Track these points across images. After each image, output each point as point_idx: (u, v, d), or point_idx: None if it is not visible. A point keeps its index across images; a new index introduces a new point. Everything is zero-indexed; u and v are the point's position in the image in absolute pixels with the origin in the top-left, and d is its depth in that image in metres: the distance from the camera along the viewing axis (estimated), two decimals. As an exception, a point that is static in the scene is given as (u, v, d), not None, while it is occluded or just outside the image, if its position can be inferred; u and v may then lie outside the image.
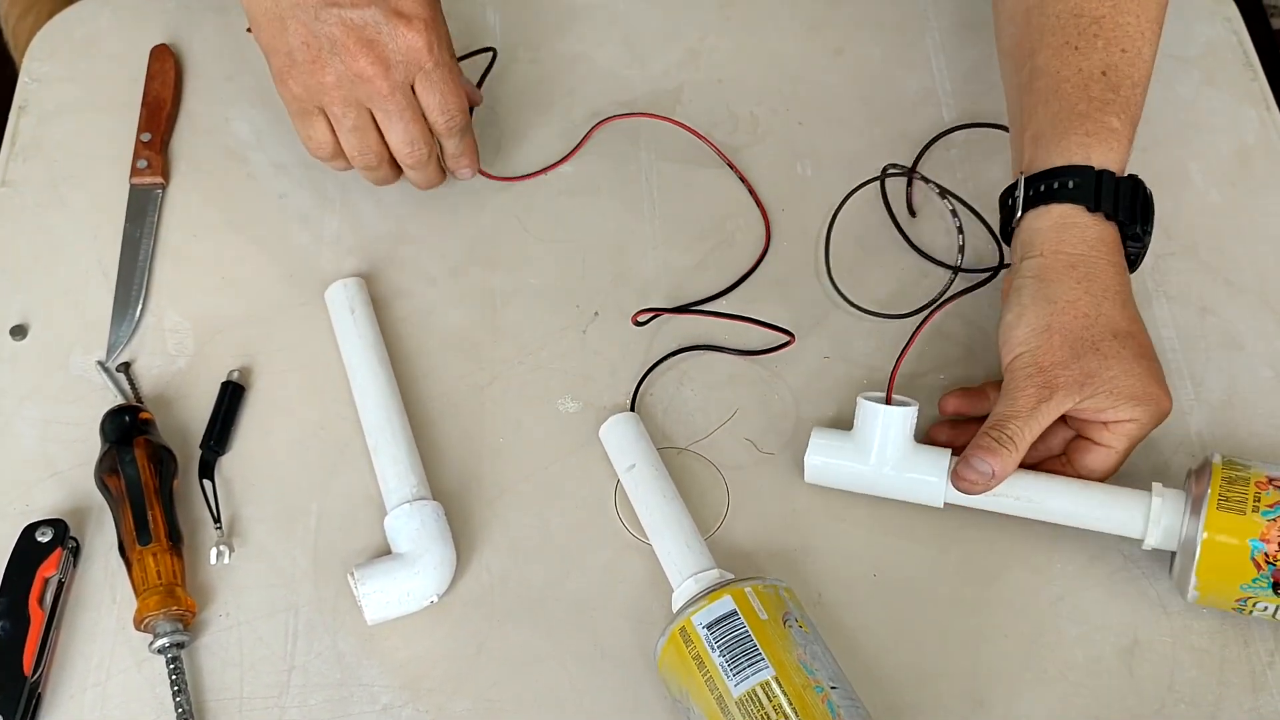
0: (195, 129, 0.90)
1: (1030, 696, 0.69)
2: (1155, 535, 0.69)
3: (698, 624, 0.65)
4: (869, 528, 0.74)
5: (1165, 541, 0.69)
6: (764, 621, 0.64)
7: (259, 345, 0.81)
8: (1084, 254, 0.72)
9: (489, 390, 0.79)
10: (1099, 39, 0.76)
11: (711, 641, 0.64)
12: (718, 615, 0.65)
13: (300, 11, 0.73)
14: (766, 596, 0.66)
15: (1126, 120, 0.75)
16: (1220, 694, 0.69)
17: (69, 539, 0.73)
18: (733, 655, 0.63)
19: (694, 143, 0.89)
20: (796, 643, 0.64)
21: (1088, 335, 0.70)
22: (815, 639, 0.66)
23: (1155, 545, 0.70)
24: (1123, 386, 0.69)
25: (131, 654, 0.71)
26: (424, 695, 0.69)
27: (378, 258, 0.84)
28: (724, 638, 0.64)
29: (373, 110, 0.76)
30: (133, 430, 0.75)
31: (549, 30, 0.95)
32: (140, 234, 0.85)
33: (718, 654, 0.64)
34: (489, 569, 0.73)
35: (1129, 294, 0.73)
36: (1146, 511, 0.70)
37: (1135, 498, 0.70)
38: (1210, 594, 0.68)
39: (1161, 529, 0.69)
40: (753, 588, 0.66)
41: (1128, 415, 0.70)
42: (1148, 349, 0.72)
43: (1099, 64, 0.75)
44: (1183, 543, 0.69)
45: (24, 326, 0.82)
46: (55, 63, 0.93)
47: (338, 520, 0.75)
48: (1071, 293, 0.71)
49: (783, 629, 0.65)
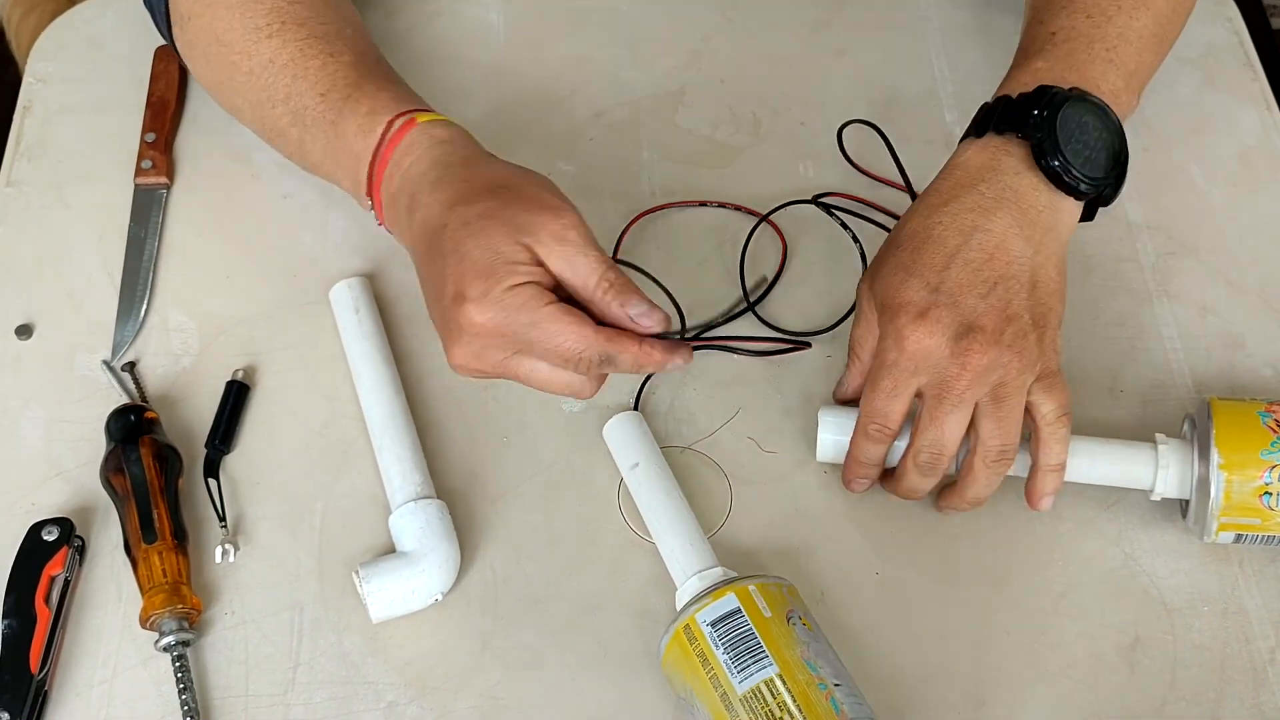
0: (199, 129, 0.90)
1: (1032, 694, 0.70)
2: (1168, 461, 0.71)
3: (702, 621, 0.65)
4: (871, 527, 0.75)
5: (1180, 468, 0.71)
6: (768, 619, 0.65)
7: (263, 344, 0.81)
8: (942, 176, 0.73)
9: (492, 389, 0.79)
10: (1064, 10, 0.77)
11: (715, 639, 0.64)
12: (722, 613, 0.65)
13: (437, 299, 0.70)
14: (770, 594, 0.66)
15: (1056, 61, 0.74)
16: (1221, 691, 0.69)
17: (75, 537, 0.73)
18: (737, 653, 0.64)
19: (696, 143, 0.89)
20: (800, 640, 0.64)
21: (891, 242, 0.72)
22: (819, 637, 0.66)
23: (1169, 471, 0.71)
24: (880, 295, 0.70)
25: (137, 652, 0.71)
26: (428, 693, 0.70)
27: (382, 257, 0.84)
28: (728, 635, 0.64)
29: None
30: (138, 429, 0.75)
31: (552, 31, 0.95)
32: (145, 234, 0.85)
33: (722, 651, 0.64)
34: (493, 567, 0.74)
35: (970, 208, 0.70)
36: (1155, 456, 0.71)
37: (1142, 447, 0.72)
38: (1234, 470, 0.69)
39: (1172, 455, 0.71)
40: (757, 585, 0.66)
41: (880, 326, 0.70)
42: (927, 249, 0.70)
43: (1052, 28, 0.76)
44: (1198, 444, 0.71)
45: (29, 326, 0.82)
46: (60, 63, 0.94)
47: (342, 519, 0.75)
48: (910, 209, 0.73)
49: (786, 627, 0.65)
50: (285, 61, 0.76)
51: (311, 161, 0.78)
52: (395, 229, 0.74)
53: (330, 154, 0.76)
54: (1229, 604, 0.72)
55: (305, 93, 0.76)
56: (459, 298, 0.66)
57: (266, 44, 0.77)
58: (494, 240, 0.67)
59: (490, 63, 0.93)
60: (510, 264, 0.66)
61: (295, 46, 0.77)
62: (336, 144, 0.75)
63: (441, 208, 0.69)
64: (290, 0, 0.78)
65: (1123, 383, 0.79)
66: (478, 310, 0.66)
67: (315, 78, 0.76)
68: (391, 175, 0.73)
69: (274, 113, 0.77)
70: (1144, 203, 0.86)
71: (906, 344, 0.68)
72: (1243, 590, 0.72)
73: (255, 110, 0.79)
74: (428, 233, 0.69)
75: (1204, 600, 0.72)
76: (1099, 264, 0.84)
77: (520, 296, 0.66)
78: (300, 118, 0.76)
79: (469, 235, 0.67)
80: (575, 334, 0.66)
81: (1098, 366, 0.80)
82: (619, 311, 0.67)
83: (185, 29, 0.80)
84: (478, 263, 0.66)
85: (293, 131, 0.77)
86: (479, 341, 0.67)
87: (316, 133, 0.76)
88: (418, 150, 0.72)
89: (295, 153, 0.79)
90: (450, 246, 0.67)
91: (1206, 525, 0.70)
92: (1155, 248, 0.85)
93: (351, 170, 0.75)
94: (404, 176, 0.72)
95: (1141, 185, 0.87)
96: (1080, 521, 0.75)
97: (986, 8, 0.96)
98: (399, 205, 0.72)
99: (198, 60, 0.82)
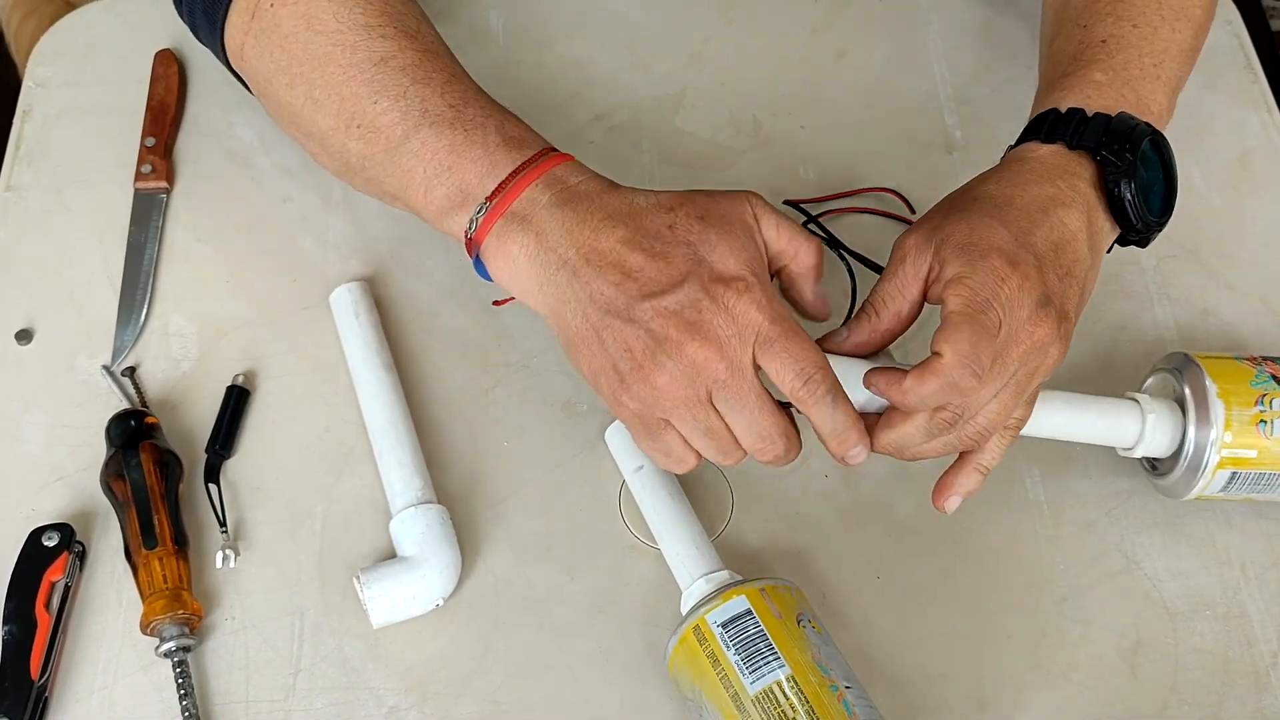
0: (199, 133, 0.90)
1: (1034, 697, 0.70)
2: (1154, 411, 0.72)
3: (712, 623, 0.65)
4: (872, 530, 0.75)
5: (1168, 418, 0.72)
6: (779, 621, 0.65)
7: (264, 349, 0.81)
8: (1017, 159, 0.71)
9: (493, 394, 0.79)
10: (1110, 16, 0.76)
11: (726, 640, 0.64)
12: (733, 614, 0.65)
13: (612, 318, 0.64)
14: (780, 596, 0.66)
15: (1114, 75, 0.73)
16: (1223, 694, 0.69)
17: (75, 543, 0.73)
18: (748, 654, 0.64)
19: (697, 145, 0.89)
20: (811, 642, 0.65)
21: (959, 200, 0.69)
22: (828, 640, 0.66)
23: (1156, 420, 0.72)
24: (958, 238, 0.66)
25: (138, 658, 0.71)
26: (430, 698, 0.70)
27: (382, 261, 0.84)
28: (739, 636, 0.64)
29: (715, 402, 0.64)
30: (138, 435, 0.75)
31: (552, 33, 0.95)
32: (145, 238, 0.85)
33: (733, 652, 0.64)
34: (494, 572, 0.74)
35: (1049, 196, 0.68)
36: (1138, 409, 0.72)
37: (1122, 401, 0.73)
38: (1231, 397, 0.70)
39: (1156, 406, 0.72)
40: (765, 587, 0.66)
41: (954, 271, 0.65)
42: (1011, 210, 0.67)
43: (1101, 34, 0.75)
44: (1178, 397, 0.72)
45: (29, 331, 0.82)
46: (59, 67, 0.93)
47: (343, 524, 0.75)
48: (975, 180, 0.71)
49: (797, 628, 0.65)
50: (405, 65, 0.71)
51: (405, 168, 0.70)
52: (524, 242, 0.67)
53: (450, 159, 0.69)
54: (1231, 607, 0.72)
55: (431, 98, 0.70)
56: (721, 280, 0.63)
57: (380, 43, 0.71)
58: (736, 227, 0.65)
59: (490, 66, 0.93)
60: (759, 250, 0.65)
61: (414, 54, 0.71)
62: (465, 149, 0.69)
63: (658, 210, 0.65)
64: (400, 11, 0.73)
65: (1124, 386, 0.79)
66: (748, 288, 0.63)
67: (443, 89, 0.70)
68: (550, 185, 0.67)
69: (375, 108, 0.70)
70: (1145, 205, 0.86)
71: (1005, 286, 0.64)
72: (1244, 594, 0.72)
73: (344, 105, 0.71)
74: (637, 234, 0.65)
75: (1206, 604, 0.72)
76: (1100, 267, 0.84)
77: (774, 289, 0.65)
78: (416, 118, 0.69)
79: (712, 225, 0.65)
80: (814, 345, 0.64)
81: (1099, 370, 0.80)
82: (809, 285, 0.68)
83: (264, 16, 0.73)
84: (735, 247, 0.64)
85: (396, 130, 0.70)
86: (727, 335, 0.63)
87: (437, 133, 0.69)
88: (588, 174, 0.68)
89: (380, 156, 0.71)
90: (696, 237, 0.64)
91: (1204, 462, 0.70)
92: (1156, 251, 0.84)
93: (475, 177, 0.68)
94: (569, 188, 0.67)
95: (1142, 188, 0.87)
96: (1082, 525, 0.75)
97: (987, 10, 0.96)
98: (555, 215, 0.66)
99: (271, 49, 0.73)
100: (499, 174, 0.68)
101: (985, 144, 0.89)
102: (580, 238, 0.65)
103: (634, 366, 0.64)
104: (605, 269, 0.64)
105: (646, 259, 0.64)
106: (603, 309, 0.64)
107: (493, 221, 0.67)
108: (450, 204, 0.69)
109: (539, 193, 0.67)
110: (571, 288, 0.65)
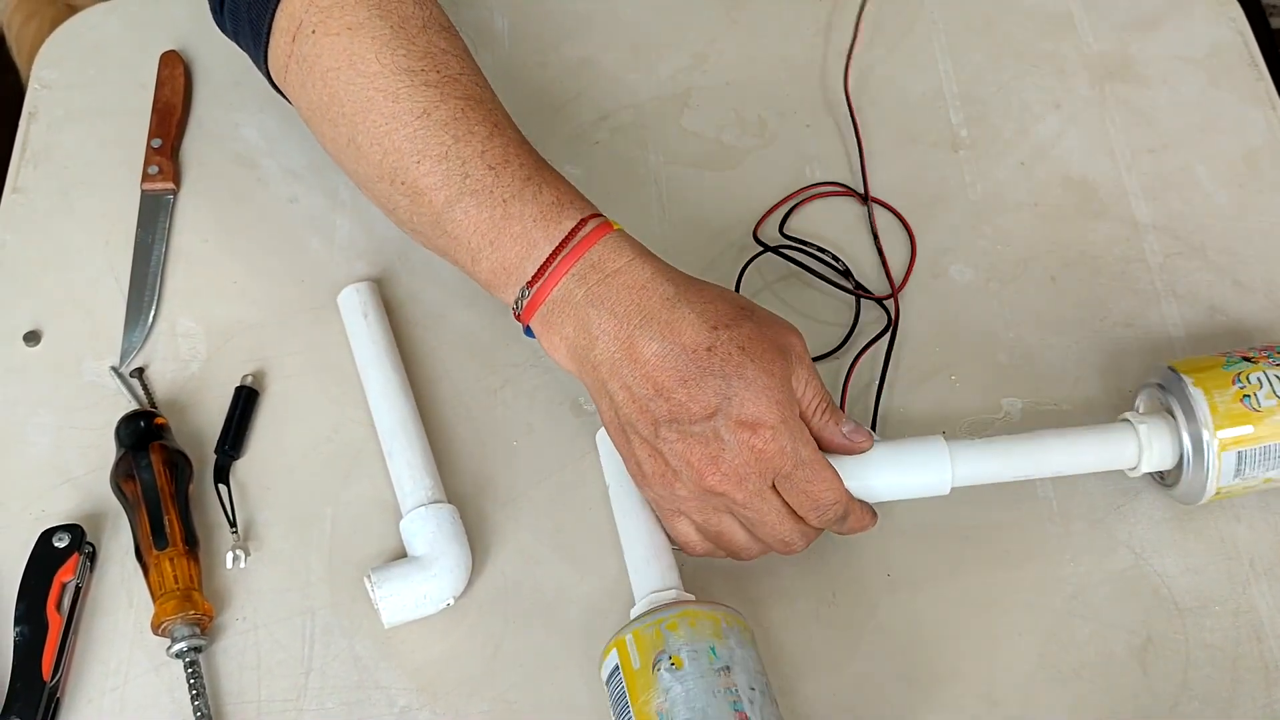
0: (205, 134, 0.90)
1: (1044, 695, 0.70)
2: (1147, 429, 0.72)
3: (604, 679, 0.67)
4: (882, 528, 0.74)
5: (1162, 430, 0.72)
6: (636, 671, 0.64)
7: (272, 350, 0.81)
8: None
9: (502, 393, 0.79)
10: None
11: (610, 694, 0.66)
12: (609, 671, 0.66)
13: (638, 432, 0.66)
14: (643, 640, 0.65)
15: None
16: (1234, 690, 0.69)
17: (85, 544, 0.73)
18: (617, 710, 0.65)
19: (703, 145, 0.90)
20: (660, 689, 0.63)
21: None
22: (693, 671, 0.63)
23: (1153, 435, 0.72)
24: None
25: (149, 658, 0.71)
26: (441, 698, 0.70)
27: (390, 261, 0.84)
28: (614, 691, 0.66)
29: (733, 514, 0.68)
30: (148, 435, 0.75)
31: (557, 34, 0.95)
32: (152, 240, 0.85)
33: (611, 706, 0.66)
34: (504, 572, 0.74)
35: None
36: (1133, 430, 0.72)
37: (1113, 425, 0.73)
38: (1208, 385, 0.71)
39: (1149, 422, 0.72)
40: (634, 633, 0.65)
41: None
42: None
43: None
44: (1165, 409, 0.72)
45: (37, 333, 0.82)
46: (65, 69, 0.93)
47: (353, 524, 0.75)
48: None
49: (650, 675, 0.64)
50: (445, 119, 0.69)
51: (451, 234, 0.70)
52: (565, 333, 0.68)
53: (491, 234, 0.68)
54: (1240, 603, 0.72)
55: (471, 159, 0.69)
56: (747, 424, 0.64)
57: (422, 91, 0.69)
58: (775, 365, 0.65)
59: (495, 67, 0.93)
60: (792, 392, 0.66)
61: (456, 105, 0.70)
62: (504, 225, 0.68)
63: (702, 326, 0.65)
64: (444, 49, 0.72)
65: (1131, 384, 0.79)
66: (774, 437, 0.65)
67: (483, 146, 0.69)
68: (585, 275, 0.67)
69: (418, 169, 0.69)
70: (1151, 203, 0.87)
71: None
72: (1254, 589, 0.73)
73: (387, 158, 0.70)
74: (674, 350, 0.65)
75: (1215, 600, 0.72)
76: (1106, 265, 0.84)
77: (803, 427, 0.67)
78: (458, 184, 0.69)
79: (751, 359, 0.65)
80: (834, 481, 0.67)
81: (1106, 367, 0.80)
82: (834, 430, 0.68)
83: (304, 43, 0.72)
84: (769, 388, 0.65)
85: (439, 195, 0.69)
86: (746, 473, 0.65)
87: (478, 204, 0.68)
88: (628, 254, 0.68)
89: (427, 218, 0.70)
90: (732, 370, 0.64)
91: (1206, 451, 0.70)
92: (1162, 248, 0.85)
93: (515, 258, 0.68)
94: (607, 277, 0.67)
95: (1148, 186, 0.87)
96: (1091, 522, 0.75)
97: (991, 9, 0.96)
98: (591, 313, 0.67)
99: (314, 82, 0.72)
100: (538, 256, 0.68)
101: (991, 142, 0.89)
102: (620, 338, 0.66)
103: (657, 473, 0.67)
104: (640, 378, 0.65)
105: (678, 384, 0.65)
106: (631, 417, 0.66)
107: (535, 308, 0.69)
108: (495, 279, 0.70)
109: (574, 285, 0.67)
110: (610, 384, 0.67)
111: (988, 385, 0.79)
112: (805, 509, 0.67)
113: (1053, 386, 0.79)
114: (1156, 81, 0.92)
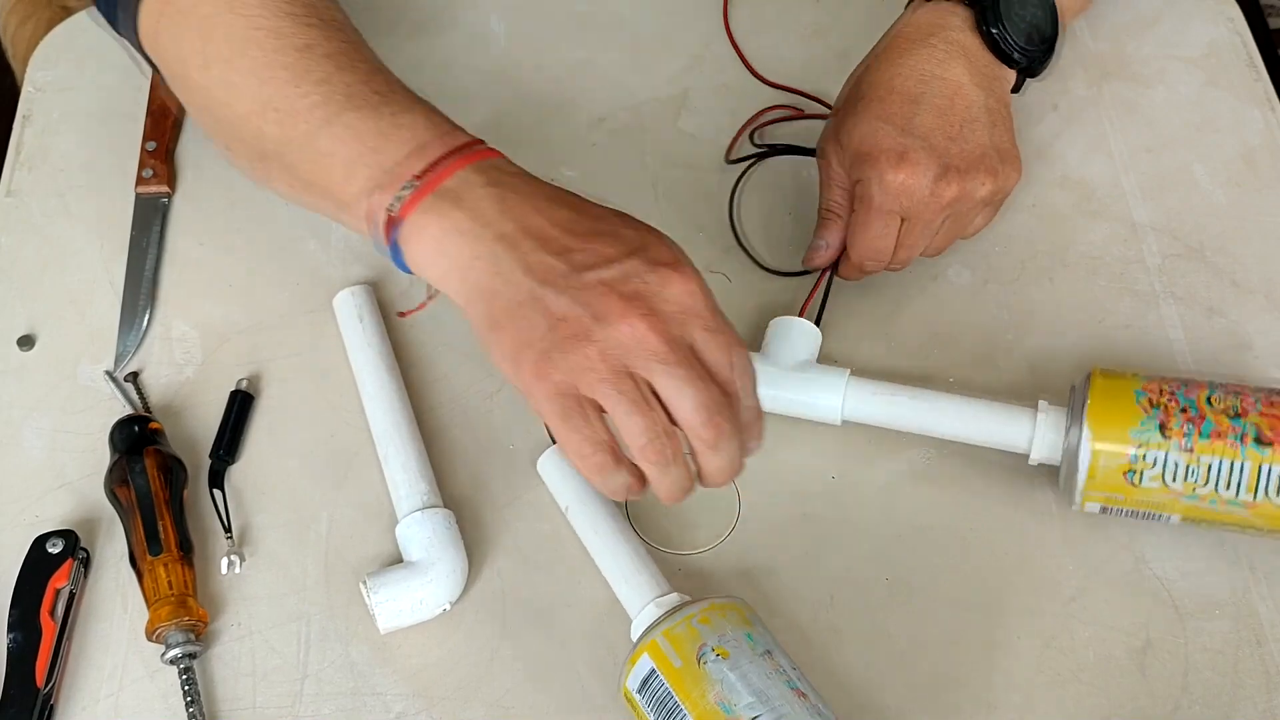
0: (200, 137, 0.90)
1: (1043, 699, 0.69)
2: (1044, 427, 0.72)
3: (632, 689, 0.65)
4: (880, 531, 0.74)
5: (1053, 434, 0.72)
6: (678, 670, 0.64)
7: (267, 354, 0.81)
8: (895, 34, 0.79)
9: (498, 397, 0.79)
10: None
11: (645, 703, 0.65)
12: (642, 677, 0.65)
13: (548, 288, 0.61)
14: (679, 639, 0.64)
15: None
16: (1234, 694, 0.69)
17: (79, 550, 0.72)
18: (660, 715, 0.64)
19: (699, 148, 0.89)
20: (712, 680, 0.63)
21: (853, 95, 0.78)
22: (741, 658, 0.64)
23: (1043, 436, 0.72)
24: (854, 145, 0.76)
25: (144, 664, 0.71)
26: (437, 703, 0.69)
27: (385, 265, 0.83)
28: (652, 698, 0.64)
29: (652, 380, 0.60)
30: (142, 440, 0.75)
31: (554, 36, 0.95)
32: (146, 243, 0.85)
33: (652, 714, 0.64)
34: (501, 576, 0.73)
35: (924, 61, 0.77)
36: (1033, 419, 0.73)
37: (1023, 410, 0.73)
38: (1102, 445, 0.69)
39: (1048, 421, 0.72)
40: (664, 634, 0.65)
41: (856, 176, 0.76)
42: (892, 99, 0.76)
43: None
44: (1073, 414, 0.72)
45: (31, 337, 0.81)
46: (59, 72, 0.93)
47: (349, 528, 0.75)
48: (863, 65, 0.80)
49: (697, 669, 0.63)
50: (330, 52, 0.69)
51: (326, 150, 0.67)
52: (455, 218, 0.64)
53: (376, 140, 0.66)
54: (1240, 607, 0.72)
55: (355, 84, 0.68)
56: (667, 264, 0.61)
57: (305, 30, 0.69)
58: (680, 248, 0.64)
59: (492, 69, 0.93)
60: None
61: (339, 44, 0.70)
62: (391, 132, 0.66)
63: (603, 206, 0.65)
64: (325, 4, 0.72)
65: (1130, 385, 0.79)
66: (697, 278, 0.62)
67: (367, 77, 0.69)
68: (484, 169, 0.65)
69: (296, 92, 0.68)
70: (1149, 204, 0.86)
71: (890, 186, 0.74)
72: (1254, 593, 0.72)
73: (264, 88, 0.69)
74: (582, 216, 0.63)
75: (1215, 604, 0.72)
76: (1105, 266, 0.84)
77: None
78: (340, 102, 0.67)
79: (654, 231, 0.64)
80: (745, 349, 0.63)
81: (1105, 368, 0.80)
82: None
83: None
84: (666, 240, 0.64)
85: (317, 113, 0.67)
86: (672, 312, 0.61)
87: (361, 117, 0.67)
88: (520, 169, 0.67)
89: (298, 139, 0.68)
90: (642, 229, 0.64)
91: (1074, 495, 0.71)
92: (1161, 249, 0.84)
93: (402, 157, 0.66)
94: (506, 174, 0.65)
95: (1146, 186, 0.87)
96: (1090, 524, 0.75)
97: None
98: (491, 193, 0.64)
99: (188, 30, 0.71)
100: (429, 156, 0.65)
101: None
102: (520, 214, 0.63)
103: (567, 335, 0.60)
104: (546, 242, 0.62)
105: (589, 238, 0.62)
106: (539, 279, 0.61)
107: (420, 199, 0.64)
108: (372, 184, 0.66)
109: (473, 174, 0.65)
110: (508, 259, 0.62)
111: (987, 387, 0.79)
112: (730, 374, 0.62)
113: (1052, 388, 0.79)
114: (1154, 81, 0.92)
